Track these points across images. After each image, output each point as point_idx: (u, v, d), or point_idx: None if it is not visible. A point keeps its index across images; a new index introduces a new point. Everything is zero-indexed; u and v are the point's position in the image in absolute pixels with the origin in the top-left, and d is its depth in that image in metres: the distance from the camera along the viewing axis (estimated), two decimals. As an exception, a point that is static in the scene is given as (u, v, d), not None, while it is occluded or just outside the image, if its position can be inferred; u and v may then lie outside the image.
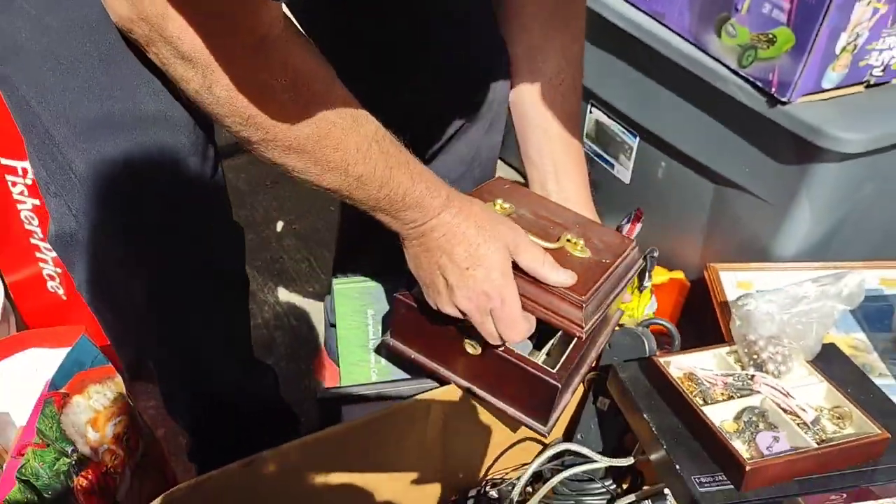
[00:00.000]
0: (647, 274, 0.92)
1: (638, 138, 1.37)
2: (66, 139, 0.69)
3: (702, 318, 1.15)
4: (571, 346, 0.83)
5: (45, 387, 0.91)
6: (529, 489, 0.90)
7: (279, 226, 1.68)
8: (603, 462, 0.85)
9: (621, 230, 0.94)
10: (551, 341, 0.86)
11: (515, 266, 0.76)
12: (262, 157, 0.66)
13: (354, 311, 1.01)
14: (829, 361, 0.85)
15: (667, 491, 0.90)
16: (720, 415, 0.77)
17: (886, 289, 1.11)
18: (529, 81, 0.92)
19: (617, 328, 0.90)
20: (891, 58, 1.09)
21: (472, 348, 0.82)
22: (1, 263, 1.18)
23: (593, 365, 0.89)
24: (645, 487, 0.89)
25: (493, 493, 0.93)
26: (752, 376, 0.80)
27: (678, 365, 0.83)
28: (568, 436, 0.94)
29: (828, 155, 1.06)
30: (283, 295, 1.52)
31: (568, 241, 0.82)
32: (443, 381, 0.87)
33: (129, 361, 1.15)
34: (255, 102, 0.61)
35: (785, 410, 0.76)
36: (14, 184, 1.07)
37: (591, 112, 1.45)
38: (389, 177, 0.69)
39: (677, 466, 0.72)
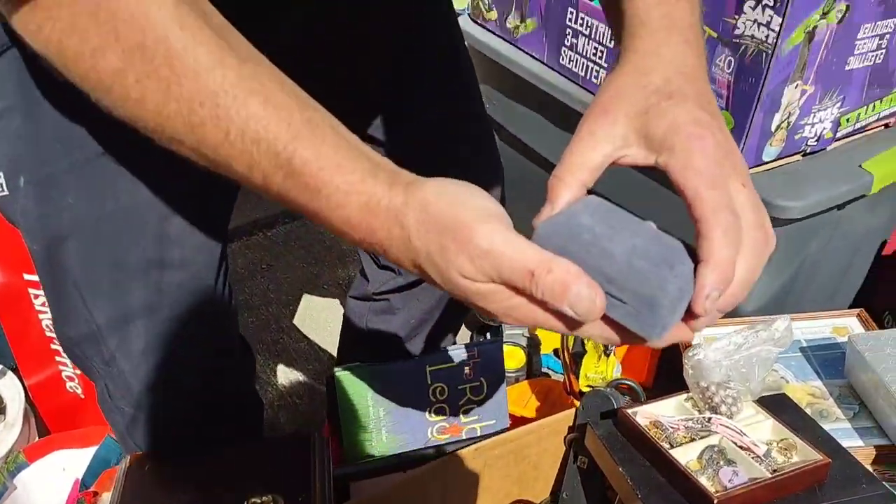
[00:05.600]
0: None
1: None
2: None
3: (677, 379, 1.24)
4: None
5: (75, 486, 1.00)
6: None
7: (277, 308, 1.77)
8: (588, 522, 0.93)
9: None
10: None
11: None
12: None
13: (355, 393, 1.10)
14: (779, 407, 0.94)
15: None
16: (685, 456, 0.86)
17: (838, 337, 1.20)
18: None
19: (587, 389, 0.99)
20: (822, 129, 1.22)
21: None
22: (22, 369, 1.27)
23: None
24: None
25: (493, 555, 1.01)
26: (710, 419, 0.90)
27: (644, 414, 0.92)
28: (554, 497, 1.03)
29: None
30: (285, 375, 1.60)
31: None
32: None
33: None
34: None
35: (740, 447, 0.86)
36: (36, 296, 1.16)
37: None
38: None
39: (652, 513, 0.80)
